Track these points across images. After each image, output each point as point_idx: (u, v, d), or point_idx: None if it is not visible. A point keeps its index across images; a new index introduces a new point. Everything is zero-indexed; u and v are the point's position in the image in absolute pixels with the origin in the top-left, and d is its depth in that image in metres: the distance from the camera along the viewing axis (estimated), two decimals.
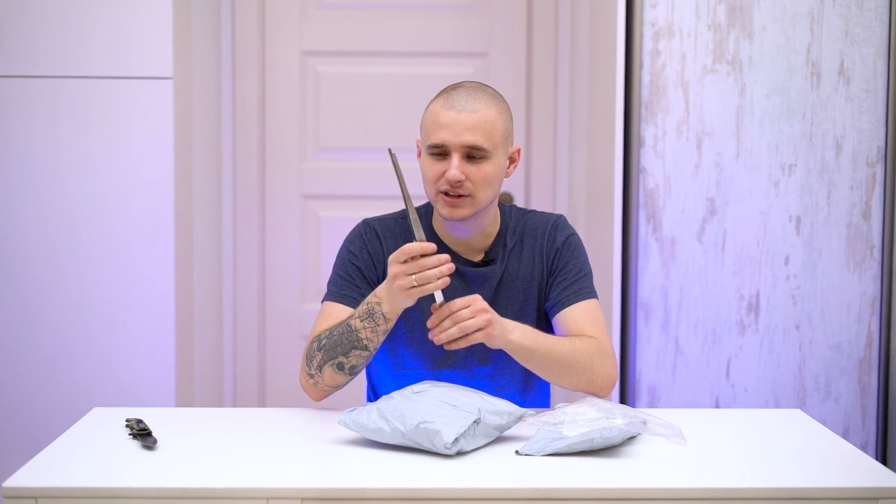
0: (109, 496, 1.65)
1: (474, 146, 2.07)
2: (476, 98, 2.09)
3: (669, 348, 2.93)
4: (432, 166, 2.10)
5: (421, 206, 2.25)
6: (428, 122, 2.12)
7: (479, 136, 2.07)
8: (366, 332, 2.01)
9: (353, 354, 2.03)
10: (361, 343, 2.02)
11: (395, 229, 2.20)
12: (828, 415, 2.95)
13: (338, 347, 2.03)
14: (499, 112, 2.11)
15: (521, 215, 2.25)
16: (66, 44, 3.14)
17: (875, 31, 2.90)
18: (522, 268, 2.19)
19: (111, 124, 3.16)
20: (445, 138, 2.07)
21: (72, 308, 3.18)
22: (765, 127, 2.91)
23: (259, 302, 3.67)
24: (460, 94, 2.10)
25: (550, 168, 3.65)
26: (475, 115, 2.07)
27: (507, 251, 2.20)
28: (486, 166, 2.09)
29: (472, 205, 2.10)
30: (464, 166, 2.07)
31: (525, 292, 2.19)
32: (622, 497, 1.66)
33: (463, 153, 2.07)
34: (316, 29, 3.64)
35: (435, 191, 2.11)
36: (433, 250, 1.94)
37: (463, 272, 2.17)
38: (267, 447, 1.85)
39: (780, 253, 2.94)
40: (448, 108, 2.09)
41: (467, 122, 2.07)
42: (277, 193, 3.66)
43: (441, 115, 2.09)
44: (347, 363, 2.04)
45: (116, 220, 3.18)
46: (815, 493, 1.67)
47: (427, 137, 2.11)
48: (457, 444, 1.78)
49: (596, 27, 3.26)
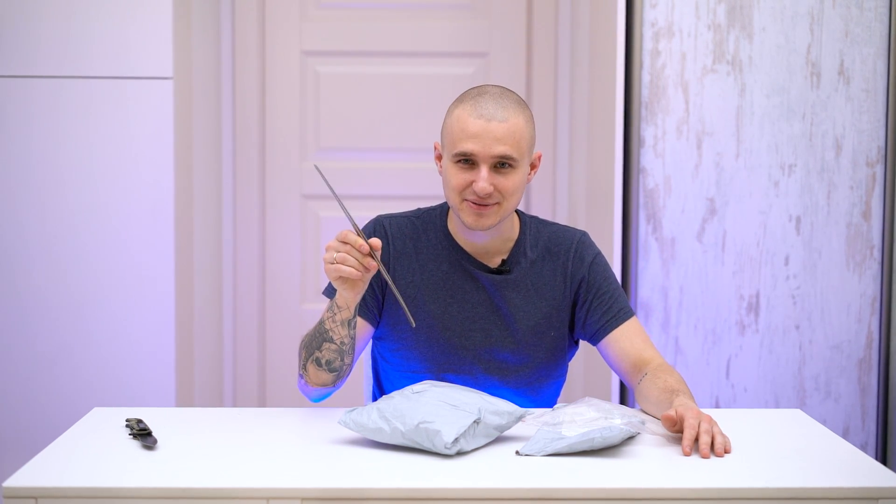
0: (109, 496, 1.64)
1: (505, 156, 2.03)
2: (504, 106, 2.04)
3: (669, 348, 2.93)
4: (458, 174, 2.05)
5: (435, 208, 2.22)
6: (454, 129, 2.05)
7: (509, 147, 2.02)
8: (329, 324, 2.01)
9: (325, 348, 2.02)
10: (328, 335, 2.01)
11: (407, 229, 2.18)
12: (828, 415, 2.95)
13: (313, 342, 2.04)
14: (526, 120, 2.06)
15: (542, 226, 2.21)
16: (66, 44, 3.14)
17: (875, 31, 2.90)
18: (545, 285, 2.16)
19: (111, 124, 3.16)
20: (475, 149, 2.02)
21: (71, 308, 3.18)
22: (765, 127, 2.91)
23: (259, 302, 3.67)
24: (488, 101, 2.04)
25: (550, 168, 3.65)
26: (505, 125, 2.02)
27: (528, 262, 2.16)
28: (514, 176, 2.05)
29: (499, 213, 2.07)
30: (492, 177, 2.03)
31: (547, 311, 2.15)
32: (622, 497, 1.66)
33: (492, 164, 2.03)
34: (316, 29, 3.64)
35: (460, 199, 2.06)
36: (366, 251, 1.90)
37: (478, 276, 2.15)
38: (267, 447, 1.85)
39: (780, 253, 2.94)
40: (477, 116, 2.02)
41: (497, 132, 2.01)
42: (277, 193, 3.66)
43: (469, 124, 2.02)
44: (322, 357, 2.03)
45: (116, 220, 3.18)
46: (814, 493, 1.67)
47: (453, 145, 2.04)
48: (457, 444, 1.78)
49: (596, 27, 3.26)
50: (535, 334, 2.15)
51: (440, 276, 2.15)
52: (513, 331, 2.14)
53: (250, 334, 3.67)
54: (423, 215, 2.21)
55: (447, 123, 2.08)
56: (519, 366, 2.15)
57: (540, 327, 2.15)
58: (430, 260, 2.16)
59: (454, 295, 2.14)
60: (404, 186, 3.58)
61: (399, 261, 2.16)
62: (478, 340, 2.14)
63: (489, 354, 2.14)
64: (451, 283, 2.14)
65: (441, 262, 2.16)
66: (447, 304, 2.14)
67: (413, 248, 2.16)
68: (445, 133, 2.09)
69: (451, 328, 2.13)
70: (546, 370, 2.18)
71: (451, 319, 2.13)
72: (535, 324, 2.15)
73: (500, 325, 2.14)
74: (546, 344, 2.16)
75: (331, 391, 2.09)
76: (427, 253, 2.16)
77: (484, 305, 2.14)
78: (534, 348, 2.16)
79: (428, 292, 2.14)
